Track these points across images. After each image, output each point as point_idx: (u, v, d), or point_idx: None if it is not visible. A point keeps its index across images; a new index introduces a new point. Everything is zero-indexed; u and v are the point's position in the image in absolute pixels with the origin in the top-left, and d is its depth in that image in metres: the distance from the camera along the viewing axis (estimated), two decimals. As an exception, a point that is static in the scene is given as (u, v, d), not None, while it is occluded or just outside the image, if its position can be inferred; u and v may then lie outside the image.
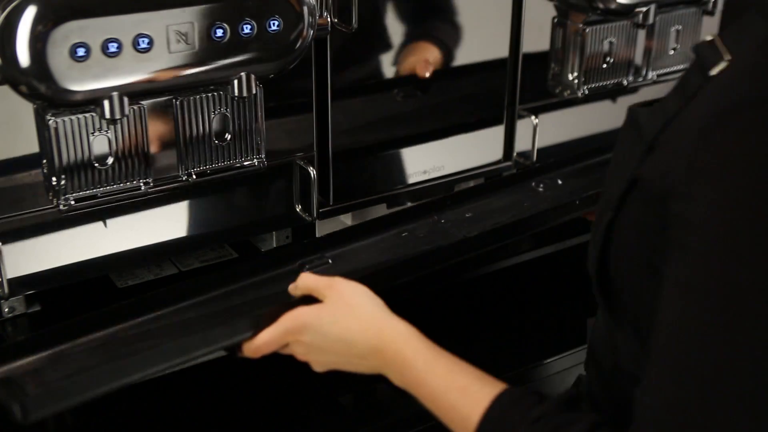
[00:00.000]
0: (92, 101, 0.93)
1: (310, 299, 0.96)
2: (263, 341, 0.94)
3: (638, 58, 1.41)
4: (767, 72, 0.69)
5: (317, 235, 1.30)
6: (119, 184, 1.01)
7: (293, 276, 0.99)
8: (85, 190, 0.99)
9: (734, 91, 0.69)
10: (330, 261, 1.10)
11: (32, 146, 0.99)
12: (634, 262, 0.78)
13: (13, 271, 1.04)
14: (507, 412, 0.80)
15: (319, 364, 0.95)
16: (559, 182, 1.32)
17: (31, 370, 0.92)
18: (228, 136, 1.06)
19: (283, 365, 1.20)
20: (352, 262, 1.10)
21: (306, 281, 0.97)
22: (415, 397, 0.89)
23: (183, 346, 0.94)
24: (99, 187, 1.00)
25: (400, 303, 0.99)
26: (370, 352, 0.91)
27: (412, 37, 1.23)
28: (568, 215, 1.23)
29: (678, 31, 1.43)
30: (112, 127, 0.98)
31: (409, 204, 1.34)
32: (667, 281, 0.70)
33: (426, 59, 1.25)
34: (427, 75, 1.25)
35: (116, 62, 0.93)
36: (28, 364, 0.93)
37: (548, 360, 1.28)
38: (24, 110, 0.97)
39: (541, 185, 1.31)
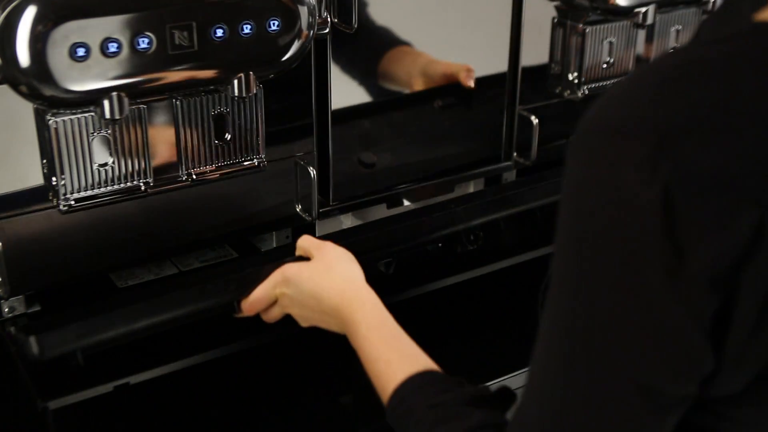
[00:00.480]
0: (92, 101, 0.93)
1: (304, 259, 1.03)
2: (256, 296, 1.02)
3: (638, 58, 1.41)
4: (611, 103, 0.67)
5: (317, 235, 1.30)
6: (119, 184, 1.01)
7: None
8: (85, 190, 0.99)
9: (584, 117, 0.67)
10: None
11: (32, 146, 0.99)
12: None
13: (13, 271, 1.04)
14: (413, 393, 0.82)
15: (301, 318, 1.01)
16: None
17: (47, 315, 1.00)
18: (228, 136, 1.06)
19: (283, 365, 1.20)
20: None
21: (302, 242, 1.05)
22: None
23: (186, 296, 1.04)
24: (99, 187, 1.00)
25: (400, 303, 0.99)
26: (332, 310, 0.96)
27: (410, 37, 1.23)
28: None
29: (678, 31, 1.42)
30: (112, 127, 0.98)
31: (408, 203, 1.34)
32: None
33: (468, 69, 1.28)
34: (471, 84, 1.29)
35: (116, 62, 0.93)
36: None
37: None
38: (24, 110, 0.97)
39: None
